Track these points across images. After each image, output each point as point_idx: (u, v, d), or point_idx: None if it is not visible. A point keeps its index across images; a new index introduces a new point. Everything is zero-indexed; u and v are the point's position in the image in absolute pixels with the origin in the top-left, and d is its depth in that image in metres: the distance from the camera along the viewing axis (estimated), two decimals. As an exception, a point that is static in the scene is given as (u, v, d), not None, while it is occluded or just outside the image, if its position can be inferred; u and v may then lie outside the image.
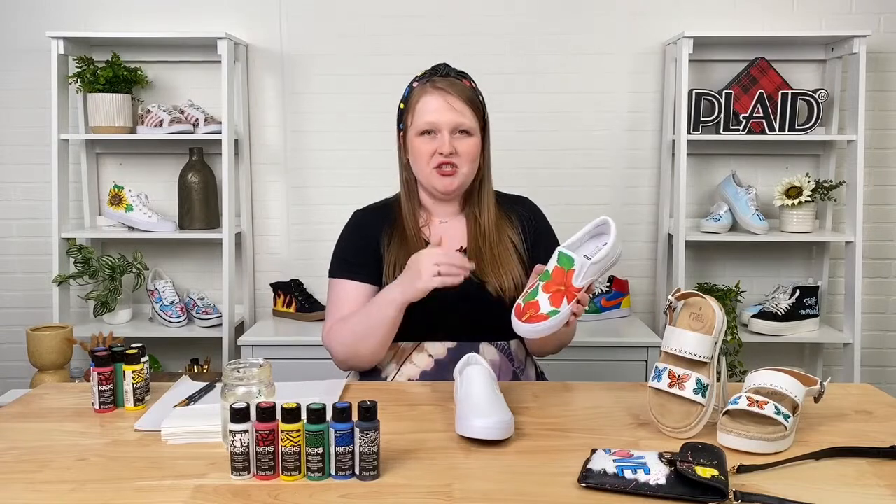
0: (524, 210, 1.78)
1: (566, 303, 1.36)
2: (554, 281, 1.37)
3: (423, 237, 1.69)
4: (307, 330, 2.65)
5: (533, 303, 1.37)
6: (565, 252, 1.38)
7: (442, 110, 1.62)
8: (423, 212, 1.74)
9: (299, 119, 2.88)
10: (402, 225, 1.69)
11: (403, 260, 1.62)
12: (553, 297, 1.36)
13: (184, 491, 1.07)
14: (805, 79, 2.83)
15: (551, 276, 1.38)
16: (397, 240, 1.67)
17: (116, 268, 2.73)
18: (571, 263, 1.37)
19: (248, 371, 1.21)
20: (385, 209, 1.75)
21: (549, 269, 1.39)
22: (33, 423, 1.34)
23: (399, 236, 1.68)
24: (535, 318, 1.35)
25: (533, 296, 1.38)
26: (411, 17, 2.83)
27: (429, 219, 1.73)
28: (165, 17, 2.83)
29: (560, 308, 1.36)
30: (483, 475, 1.12)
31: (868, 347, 2.91)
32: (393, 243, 1.67)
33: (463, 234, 1.71)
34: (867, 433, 1.29)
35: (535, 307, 1.36)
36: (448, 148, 1.61)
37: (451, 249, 1.56)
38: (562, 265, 1.37)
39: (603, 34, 2.83)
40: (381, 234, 1.69)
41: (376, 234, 1.70)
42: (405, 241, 1.67)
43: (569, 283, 1.36)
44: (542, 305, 1.36)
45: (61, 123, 2.68)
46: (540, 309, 1.36)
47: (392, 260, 1.65)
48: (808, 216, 2.73)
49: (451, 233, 1.71)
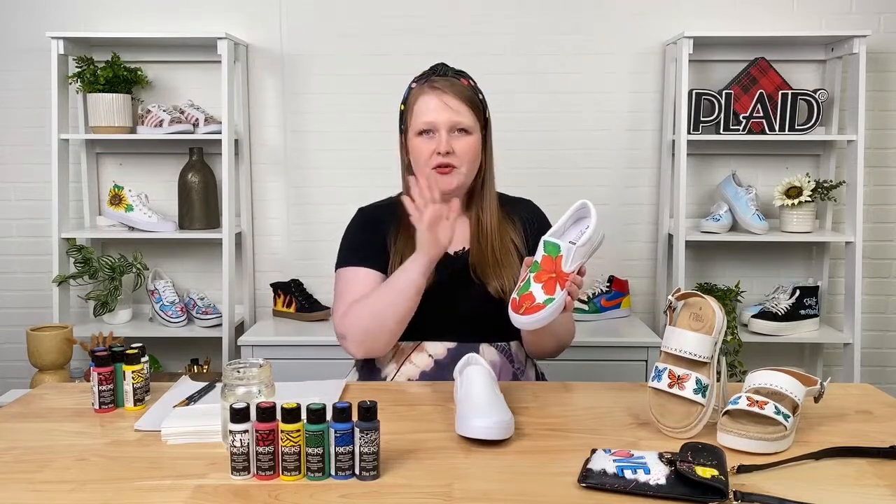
0: (526, 212, 1.77)
1: (559, 289, 1.37)
2: (544, 270, 1.38)
3: None
4: (307, 330, 2.65)
5: (527, 294, 1.38)
6: (550, 240, 1.40)
7: (438, 110, 1.62)
8: None
9: (299, 119, 2.88)
10: (407, 223, 1.69)
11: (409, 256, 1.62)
12: (546, 286, 1.37)
13: (184, 491, 1.07)
14: (805, 79, 2.83)
15: (541, 266, 1.39)
16: (403, 237, 1.67)
17: (116, 268, 2.73)
18: (558, 250, 1.38)
19: (248, 371, 1.21)
20: (390, 207, 1.75)
21: (537, 260, 1.40)
22: (33, 423, 1.34)
23: (405, 234, 1.67)
24: (531, 308, 1.36)
25: (526, 288, 1.39)
26: (411, 17, 2.83)
27: None
28: (165, 17, 2.83)
29: (555, 295, 1.37)
30: (483, 475, 1.12)
31: (868, 347, 2.91)
32: (399, 240, 1.67)
33: (465, 234, 1.71)
34: (867, 433, 1.29)
35: (530, 298, 1.37)
36: (445, 147, 1.61)
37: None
38: (549, 253, 1.39)
39: (603, 34, 2.83)
40: (387, 231, 1.69)
41: (383, 230, 1.70)
42: (410, 238, 1.66)
43: (559, 270, 1.38)
44: (537, 295, 1.37)
45: (61, 123, 2.68)
46: (535, 299, 1.37)
47: (398, 256, 1.65)
48: (808, 216, 2.73)
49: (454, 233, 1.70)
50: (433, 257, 1.53)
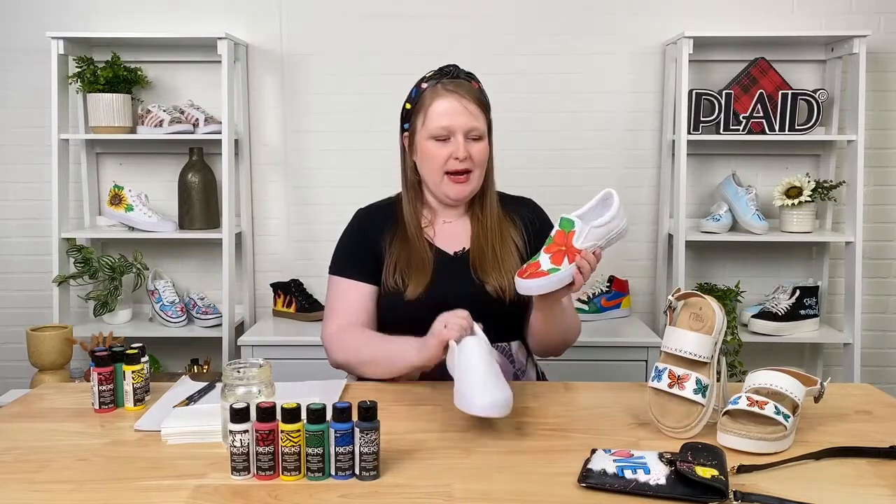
0: (527, 211, 1.77)
1: (567, 262, 1.38)
2: (555, 243, 1.40)
3: (427, 238, 1.69)
4: (307, 330, 2.65)
5: (534, 263, 1.40)
6: (566, 216, 1.42)
7: (456, 114, 1.60)
8: (428, 212, 1.73)
9: (299, 119, 2.88)
10: (404, 226, 1.69)
11: (405, 260, 1.62)
12: (554, 257, 1.39)
13: (184, 491, 1.07)
14: (805, 79, 2.83)
15: (553, 239, 1.41)
16: (399, 240, 1.67)
17: (116, 268, 2.73)
18: (572, 225, 1.40)
19: (248, 371, 1.21)
20: (388, 208, 1.74)
21: (551, 235, 1.42)
22: (33, 423, 1.34)
23: (401, 237, 1.67)
24: (535, 274, 1.38)
25: (535, 258, 1.41)
26: (411, 17, 2.82)
27: (433, 219, 1.72)
28: (165, 17, 2.83)
29: (561, 266, 1.38)
30: (483, 475, 1.12)
31: (868, 347, 2.91)
32: (395, 244, 1.67)
33: (466, 235, 1.71)
34: (867, 433, 1.29)
35: (535, 265, 1.39)
36: (464, 153, 1.60)
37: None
38: (563, 227, 1.41)
39: (603, 34, 2.83)
40: (382, 235, 1.69)
41: (377, 236, 1.69)
42: (407, 241, 1.67)
43: (569, 244, 1.39)
44: (543, 264, 1.39)
45: (61, 123, 2.68)
46: (541, 266, 1.38)
47: (393, 260, 1.65)
48: (808, 216, 2.73)
49: (455, 233, 1.70)
50: (426, 362, 1.47)
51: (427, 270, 1.63)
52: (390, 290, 1.63)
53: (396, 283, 1.63)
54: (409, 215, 1.69)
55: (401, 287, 1.62)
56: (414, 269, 1.63)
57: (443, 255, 1.68)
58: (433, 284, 1.61)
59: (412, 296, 1.60)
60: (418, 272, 1.62)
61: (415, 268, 1.63)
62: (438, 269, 1.64)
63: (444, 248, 1.69)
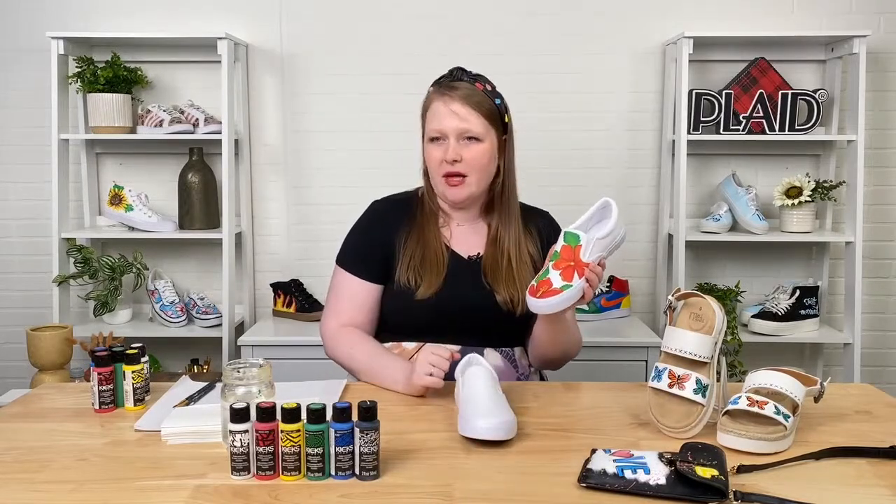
0: (544, 223, 1.75)
1: (577, 277, 1.40)
2: (563, 259, 1.42)
3: (443, 239, 1.68)
4: (307, 330, 2.65)
5: (545, 280, 1.41)
6: (570, 230, 1.43)
7: (445, 116, 1.60)
8: (442, 214, 1.72)
9: (299, 119, 2.88)
10: (421, 223, 1.68)
11: (420, 258, 1.62)
12: (564, 273, 1.40)
13: (184, 491, 1.07)
14: (805, 79, 2.83)
15: (560, 255, 1.42)
16: (415, 237, 1.66)
17: (116, 268, 2.73)
18: (578, 240, 1.41)
19: (248, 371, 1.21)
20: (405, 203, 1.73)
21: (557, 250, 1.43)
22: (33, 423, 1.34)
23: (417, 233, 1.67)
24: (548, 292, 1.39)
25: (544, 275, 1.42)
26: (412, 17, 2.82)
27: (447, 221, 1.72)
28: (165, 17, 2.83)
29: (572, 282, 1.39)
30: (483, 475, 1.12)
31: (868, 347, 2.91)
32: (410, 239, 1.66)
33: (480, 241, 1.69)
34: (867, 433, 1.29)
35: (547, 283, 1.40)
36: (452, 155, 1.59)
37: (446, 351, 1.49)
38: (569, 242, 1.42)
39: (603, 34, 2.83)
40: (396, 231, 1.68)
41: (390, 232, 1.68)
42: (423, 239, 1.66)
43: (577, 259, 1.41)
44: (555, 281, 1.40)
45: (61, 123, 2.68)
46: (553, 284, 1.40)
47: (408, 255, 1.64)
48: (808, 216, 2.73)
49: (470, 237, 1.70)
50: (407, 392, 1.49)
51: (441, 271, 1.63)
52: (402, 286, 1.62)
53: (409, 281, 1.62)
54: (428, 215, 1.69)
55: (413, 285, 1.61)
56: (428, 267, 1.62)
57: (457, 257, 1.67)
58: (445, 287, 1.61)
59: (423, 296, 1.60)
60: (432, 271, 1.62)
61: (429, 267, 1.62)
62: (451, 272, 1.63)
63: (458, 251, 1.68)
